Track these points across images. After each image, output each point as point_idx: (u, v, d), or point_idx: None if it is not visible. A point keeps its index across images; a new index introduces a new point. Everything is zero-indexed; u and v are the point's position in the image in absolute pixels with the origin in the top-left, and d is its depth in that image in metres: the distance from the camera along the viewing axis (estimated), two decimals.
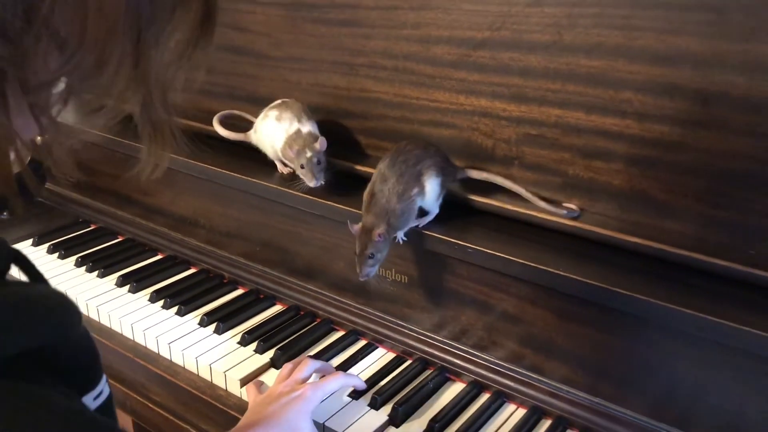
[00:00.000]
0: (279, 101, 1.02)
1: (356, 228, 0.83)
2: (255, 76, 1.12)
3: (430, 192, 0.85)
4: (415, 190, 0.84)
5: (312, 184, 0.94)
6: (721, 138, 0.74)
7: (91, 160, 1.26)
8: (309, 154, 0.93)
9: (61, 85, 0.35)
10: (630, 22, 0.76)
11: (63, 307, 0.38)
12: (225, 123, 1.13)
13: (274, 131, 0.99)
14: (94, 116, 0.39)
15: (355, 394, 0.85)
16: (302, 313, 1.04)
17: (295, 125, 0.97)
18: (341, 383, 0.83)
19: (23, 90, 0.33)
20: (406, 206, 0.83)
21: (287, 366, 0.86)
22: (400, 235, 0.86)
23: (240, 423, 0.76)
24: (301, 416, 0.75)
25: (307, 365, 0.84)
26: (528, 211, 0.87)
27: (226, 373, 0.90)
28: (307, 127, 0.97)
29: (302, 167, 0.94)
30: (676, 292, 0.73)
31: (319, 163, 0.94)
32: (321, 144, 0.94)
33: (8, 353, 0.34)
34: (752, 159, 0.73)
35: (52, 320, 0.37)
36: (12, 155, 0.35)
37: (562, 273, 0.77)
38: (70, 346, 0.39)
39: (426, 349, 0.92)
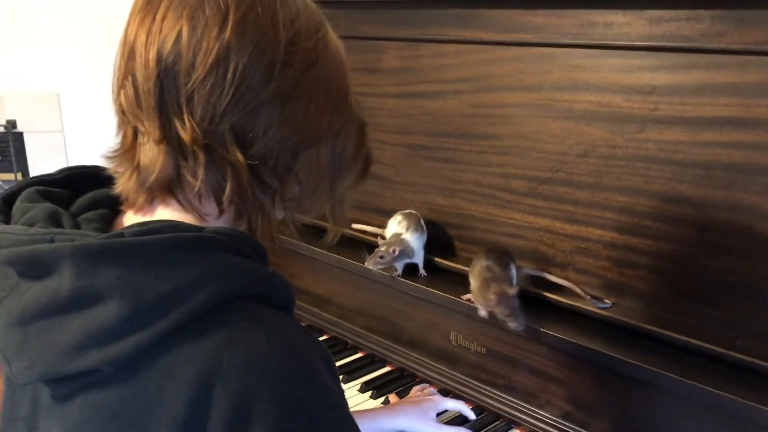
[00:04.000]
0: (408, 211, 1.37)
1: (495, 298, 1.08)
2: (381, 194, 1.51)
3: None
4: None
5: (365, 263, 1.30)
6: (714, 256, 1.03)
7: None
8: (383, 248, 1.29)
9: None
10: (647, 172, 1.08)
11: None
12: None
13: (392, 229, 1.35)
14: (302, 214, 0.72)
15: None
16: (405, 373, 1.36)
17: (402, 231, 1.32)
18: (459, 407, 1.18)
19: (282, 200, 0.63)
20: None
21: (416, 388, 1.23)
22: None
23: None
24: (431, 410, 1.11)
25: (431, 388, 1.25)
26: (575, 303, 1.17)
27: None
28: (407, 236, 1.31)
29: (375, 251, 1.29)
30: (681, 368, 1.00)
31: (381, 258, 1.28)
32: (393, 250, 1.28)
33: (278, 303, 0.57)
34: (736, 273, 1.00)
35: (290, 293, 0.60)
36: None
37: (597, 349, 1.06)
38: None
39: (497, 404, 1.21)
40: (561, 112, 1.18)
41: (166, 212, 0.61)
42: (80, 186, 0.67)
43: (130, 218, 0.63)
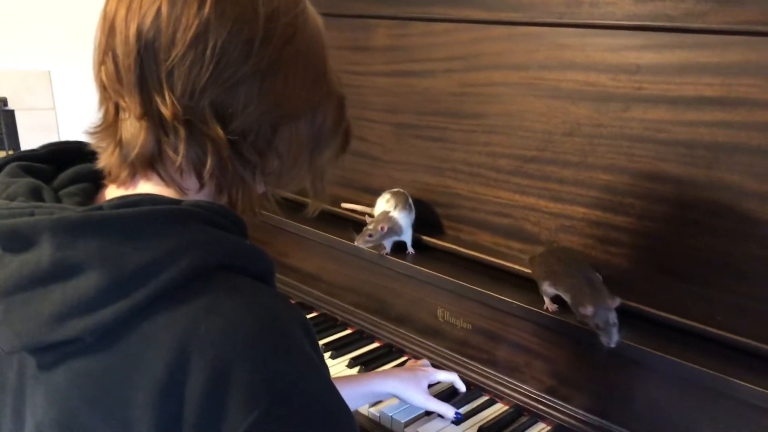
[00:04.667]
0: (396, 189, 1.38)
1: (592, 310, 1.00)
2: (369, 173, 1.52)
3: None
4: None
5: (355, 242, 1.31)
6: (695, 234, 1.04)
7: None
8: (371, 226, 1.30)
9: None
10: (631, 151, 1.09)
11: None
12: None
13: (380, 207, 1.37)
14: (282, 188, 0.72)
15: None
16: (393, 349, 1.38)
17: (390, 209, 1.34)
18: (452, 378, 1.19)
19: (262, 174, 0.63)
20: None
21: (411, 361, 1.23)
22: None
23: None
24: (423, 380, 1.13)
25: (424, 361, 1.24)
26: None
27: None
28: (395, 214, 1.32)
29: (364, 230, 1.31)
30: (662, 343, 1.02)
31: (370, 236, 1.30)
32: (382, 228, 1.29)
33: (257, 274, 0.59)
34: (716, 250, 1.02)
35: (269, 265, 0.62)
36: None
37: (578, 325, 1.08)
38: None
39: (481, 379, 1.23)
40: (547, 91, 1.19)
41: (147, 186, 0.62)
42: (63, 161, 0.68)
43: (111, 192, 0.64)
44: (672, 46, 1.03)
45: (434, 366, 1.29)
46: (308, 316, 1.52)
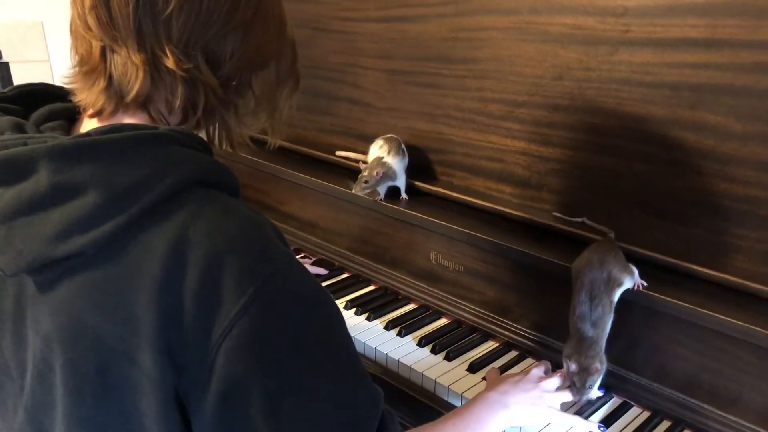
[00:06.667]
0: (389, 135, 1.40)
1: (574, 367, 1.01)
2: (364, 120, 1.54)
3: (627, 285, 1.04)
4: (611, 314, 1.02)
5: (352, 190, 1.34)
6: (680, 175, 1.07)
7: (241, 176, 1.72)
8: (366, 173, 1.33)
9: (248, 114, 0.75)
10: (619, 94, 1.11)
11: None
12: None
13: (374, 153, 1.39)
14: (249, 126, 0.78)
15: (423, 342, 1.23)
16: (389, 291, 1.42)
17: (383, 155, 1.36)
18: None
19: (235, 115, 0.72)
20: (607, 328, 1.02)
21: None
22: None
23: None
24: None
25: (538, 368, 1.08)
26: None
27: None
28: (388, 159, 1.35)
29: (359, 177, 1.34)
30: (647, 280, 1.06)
31: (366, 182, 1.32)
32: (377, 173, 1.32)
33: (230, 190, 0.64)
34: (700, 190, 1.05)
35: (237, 181, 0.66)
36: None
37: (566, 265, 1.12)
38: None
39: (474, 318, 1.28)
40: (537, 35, 1.20)
41: (129, 120, 0.67)
42: (31, 102, 0.72)
43: (87, 125, 0.68)
44: None
45: (425, 307, 1.34)
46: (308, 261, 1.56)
